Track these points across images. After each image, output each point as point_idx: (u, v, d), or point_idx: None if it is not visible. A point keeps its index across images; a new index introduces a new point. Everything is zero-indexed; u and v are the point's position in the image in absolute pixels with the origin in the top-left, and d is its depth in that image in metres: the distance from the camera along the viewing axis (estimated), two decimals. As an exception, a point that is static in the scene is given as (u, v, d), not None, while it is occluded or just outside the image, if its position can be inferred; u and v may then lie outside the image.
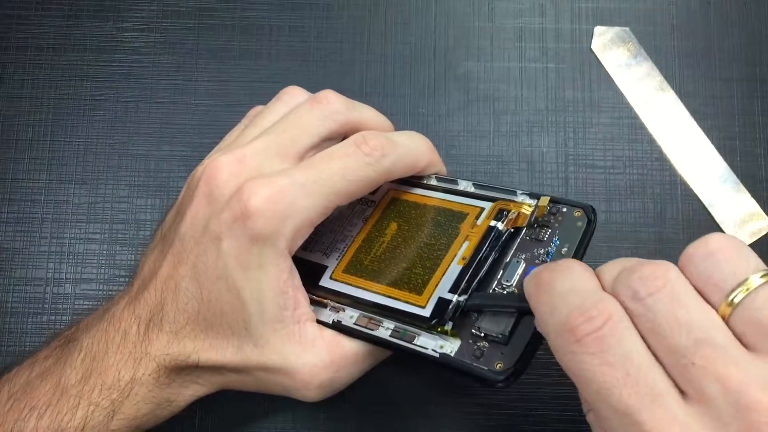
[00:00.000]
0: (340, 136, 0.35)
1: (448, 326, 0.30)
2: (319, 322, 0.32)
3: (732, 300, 0.23)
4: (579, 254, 0.30)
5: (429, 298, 0.31)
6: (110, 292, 0.39)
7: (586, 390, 0.24)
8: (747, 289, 0.23)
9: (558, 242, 0.31)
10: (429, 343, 0.30)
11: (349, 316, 0.32)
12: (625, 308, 0.24)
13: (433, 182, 0.35)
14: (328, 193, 0.32)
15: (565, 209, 0.31)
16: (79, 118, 0.42)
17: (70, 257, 0.40)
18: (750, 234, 0.40)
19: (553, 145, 0.42)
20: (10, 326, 0.39)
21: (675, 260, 0.25)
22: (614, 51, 0.43)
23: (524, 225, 0.31)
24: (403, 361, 0.37)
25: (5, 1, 0.43)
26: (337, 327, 0.32)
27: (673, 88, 0.42)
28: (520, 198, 0.32)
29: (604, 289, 0.26)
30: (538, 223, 0.31)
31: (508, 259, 0.31)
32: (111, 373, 0.31)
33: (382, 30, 0.43)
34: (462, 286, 0.31)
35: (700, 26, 0.43)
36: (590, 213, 0.31)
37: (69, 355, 0.32)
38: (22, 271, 0.40)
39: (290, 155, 0.33)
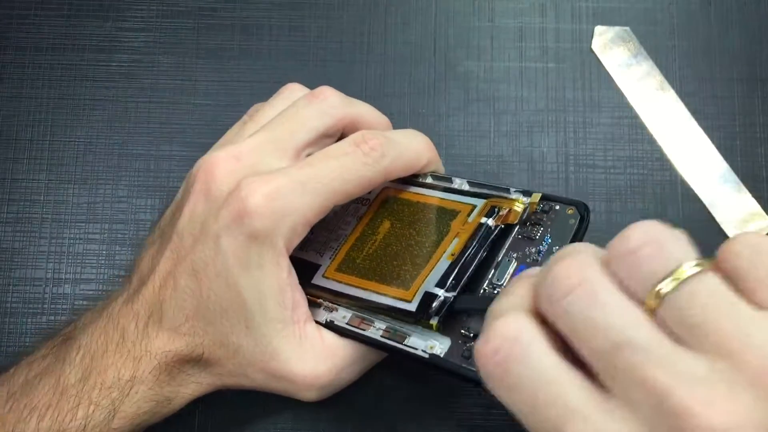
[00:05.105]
0: (338, 132, 0.35)
1: (434, 321, 0.30)
2: (315, 321, 0.32)
3: (658, 291, 0.21)
4: None
5: (416, 293, 0.31)
6: (110, 292, 0.39)
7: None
8: (675, 280, 0.21)
9: (550, 240, 0.30)
10: (419, 344, 0.30)
11: (342, 316, 0.32)
12: (545, 313, 0.23)
13: (429, 180, 0.35)
14: (326, 192, 0.31)
15: (557, 207, 0.31)
16: (79, 118, 0.42)
17: (70, 257, 0.40)
18: (750, 234, 0.40)
19: (553, 145, 0.42)
20: (9, 326, 0.39)
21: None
22: (614, 51, 0.43)
23: (516, 222, 0.31)
24: (403, 363, 0.37)
25: (5, 1, 0.43)
26: (330, 326, 0.32)
27: (673, 88, 0.42)
28: (513, 195, 0.32)
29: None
30: (530, 221, 0.31)
31: (499, 259, 0.31)
32: (111, 372, 0.31)
33: (382, 30, 0.43)
34: (449, 282, 0.30)
35: (700, 26, 0.43)
36: (582, 210, 0.30)
37: (67, 353, 0.32)
38: (22, 271, 0.40)
39: (287, 151, 0.33)
